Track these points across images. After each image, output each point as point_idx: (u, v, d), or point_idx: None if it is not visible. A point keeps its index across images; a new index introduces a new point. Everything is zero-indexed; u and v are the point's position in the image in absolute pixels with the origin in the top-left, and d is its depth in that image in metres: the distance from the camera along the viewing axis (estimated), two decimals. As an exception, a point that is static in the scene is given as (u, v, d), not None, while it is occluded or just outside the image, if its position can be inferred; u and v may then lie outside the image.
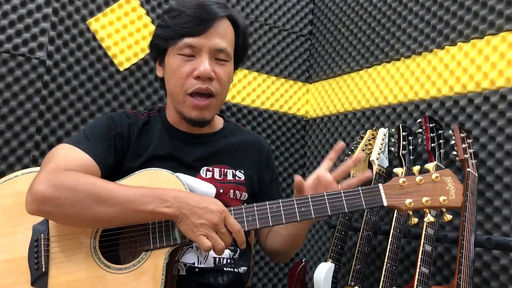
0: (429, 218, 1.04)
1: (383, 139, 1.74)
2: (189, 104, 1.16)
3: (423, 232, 1.38)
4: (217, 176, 1.23)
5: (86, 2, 1.81)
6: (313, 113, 2.28)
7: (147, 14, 1.92)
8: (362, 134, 1.86)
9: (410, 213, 1.04)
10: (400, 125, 1.63)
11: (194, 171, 1.20)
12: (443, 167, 1.48)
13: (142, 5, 1.92)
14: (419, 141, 1.60)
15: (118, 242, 1.09)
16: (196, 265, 1.15)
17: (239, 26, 1.23)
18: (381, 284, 1.43)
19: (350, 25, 2.12)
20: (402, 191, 1.02)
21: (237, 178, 1.25)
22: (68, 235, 1.03)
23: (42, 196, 0.96)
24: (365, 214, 1.67)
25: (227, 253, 1.19)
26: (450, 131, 1.48)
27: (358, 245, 1.64)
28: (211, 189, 1.18)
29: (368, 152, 1.79)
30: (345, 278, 1.84)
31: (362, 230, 1.66)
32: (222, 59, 1.18)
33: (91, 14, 1.82)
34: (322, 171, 1.12)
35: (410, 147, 1.59)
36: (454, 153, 1.43)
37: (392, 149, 1.73)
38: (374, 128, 1.85)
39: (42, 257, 1.01)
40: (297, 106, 2.29)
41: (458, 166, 1.51)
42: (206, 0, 1.18)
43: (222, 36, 1.17)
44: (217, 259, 1.17)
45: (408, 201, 1.01)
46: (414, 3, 1.79)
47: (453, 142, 1.45)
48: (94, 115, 1.80)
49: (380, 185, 1.03)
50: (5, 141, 1.67)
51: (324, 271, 1.58)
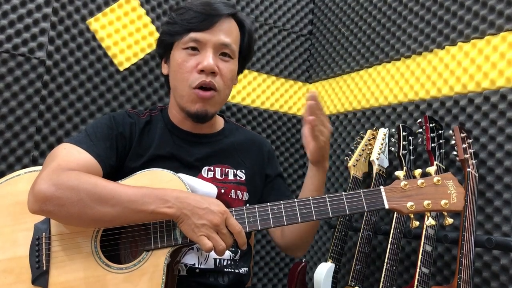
0: (430, 221, 1.04)
1: (383, 139, 1.73)
2: (192, 97, 1.17)
3: (423, 232, 1.38)
4: (218, 175, 1.23)
5: (86, 2, 1.81)
6: (313, 113, 2.28)
7: (147, 14, 1.92)
8: (362, 134, 1.86)
9: (411, 216, 1.04)
10: (400, 125, 1.63)
11: (195, 171, 1.20)
12: (443, 167, 1.48)
13: (142, 5, 1.92)
14: (419, 141, 1.60)
15: (119, 242, 1.09)
16: (196, 266, 1.14)
17: (245, 26, 1.25)
18: (381, 284, 1.43)
19: (350, 25, 2.12)
20: (404, 194, 1.02)
21: (238, 178, 1.25)
22: (69, 234, 1.03)
23: (44, 195, 0.97)
24: (365, 214, 1.67)
25: (228, 254, 1.19)
26: (450, 131, 1.48)
27: (358, 245, 1.64)
28: (213, 189, 1.18)
29: (368, 152, 1.79)
30: (345, 278, 1.84)
31: (362, 230, 1.66)
32: (226, 55, 1.19)
33: (91, 14, 1.82)
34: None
35: (410, 147, 1.59)
36: (454, 153, 1.43)
37: (392, 149, 1.73)
38: (374, 128, 1.85)
39: (43, 256, 1.01)
40: (297, 106, 2.29)
41: (458, 166, 1.51)
42: None
43: (227, 33, 1.18)
44: (217, 260, 1.17)
45: (409, 204, 1.01)
46: (414, 3, 1.79)
47: (453, 142, 1.45)
48: (94, 115, 1.80)
49: (381, 187, 1.04)
50: (5, 141, 1.67)
51: (324, 271, 1.58)
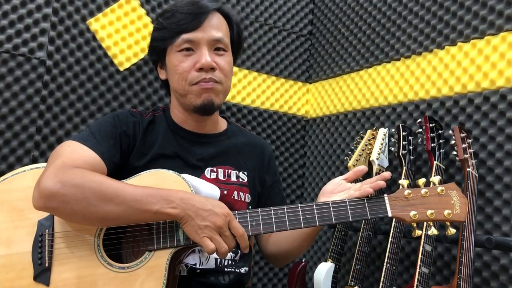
0: (432, 231, 1.04)
1: (383, 139, 1.74)
2: (195, 91, 1.18)
3: (423, 232, 1.38)
4: (221, 177, 1.23)
5: (86, 2, 1.81)
6: (313, 113, 2.29)
7: (147, 14, 1.92)
8: (362, 134, 1.86)
9: (414, 225, 1.04)
10: (400, 125, 1.63)
11: (198, 171, 1.21)
12: (443, 167, 1.48)
13: (142, 5, 1.92)
14: (419, 141, 1.60)
15: (122, 241, 1.09)
16: (197, 266, 1.15)
17: (232, 18, 1.26)
18: (381, 284, 1.43)
19: (350, 25, 2.12)
20: (407, 203, 1.03)
21: (240, 180, 1.26)
22: (72, 232, 1.04)
23: (49, 192, 0.97)
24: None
25: (229, 254, 1.19)
26: (450, 131, 1.48)
27: (358, 245, 1.64)
28: (216, 190, 1.18)
29: (368, 152, 1.79)
30: (345, 278, 1.84)
31: (362, 230, 1.66)
32: (221, 49, 1.21)
33: (91, 14, 1.82)
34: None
35: (410, 147, 1.59)
36: (454, 153, 1.43)
37: (392, 149, 1.73)
38: (374, 128, 1.85)
39: (46, 252, 1.01)
40: (297, 106, 2.29)
41: (458, 166, 1.51)
42: None
43: (217, 28, 1.20)
44: (218, 260, 1.18)
45: (412, 213, 1.02)
46: (414, 3, 1.79)
47: (453, 142, 1.45)
48: (94, 115, 1.80)
49: (385, 196, 1.04)
50: (5, 141, 1.67)
51: (324, 271, 1.58)
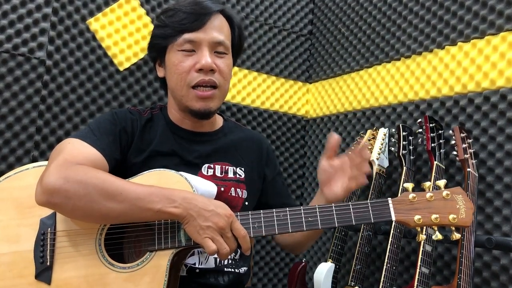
0: (437, 235, 1.02)
1: (383, 139, 1.73)
2: (193, 96, 1.18)
3: (424, 232, 1.38)
4: (218, 173, 1.23)
5: (86, 2, 1.81)
6: (313, 113, 2.28)
7: (147, 14, 1.92)
8: (362, 134, 1.86)
9: (418, 229, 1.03)
10: (400, 125, 1.63)
11: (195, 168, 1.21)
12: (443, 167, 1.48)
13: (142, 5, 1.92)
14: (419, 141, 1.60)
15: (123, 241, 1.09)
16: (197, 265, 1.15)
17: (233, 20, 1.26)
18: (381, 284, 1.43)
19: (350, 25, 2.12)
20: (412, 207, 1.01)
21: (237, 176, 1.26)
22: (74, 231, 1.04)
23: (52, 187, 0.97)
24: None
25: (228, 254, 1.19)
26: (450, 131, 1.48)
27: (358, 245, 1.64)
28: (213, 187, 1.18)
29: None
30: (345, 278, 1.84)
31: (362, 230, 1.65)
32: (221, 52, 1.21)
33: (91, 14, 1.82)
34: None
35: (410, 147, 1.59)
36: (454, 153, 1.43)
37: (392, 149, 1.73)
38: (374, 128, 1.85)
39: (48, 251, 1.01)
40: (297, 106, 2.29)
41: (458, 166, 1.51)
42: None
43: (219, 29, 1.20)
44: (217, 260, 1.18)
45: (417, 217, 1.00)
46: (414, 3, 1.79)
47: (453, 142, 1.45)
48: (94, 115, 1.80)
49: (389, 199, 1.03)
50: (5, 141, 1.67)
51: (324, 271, 1.58)
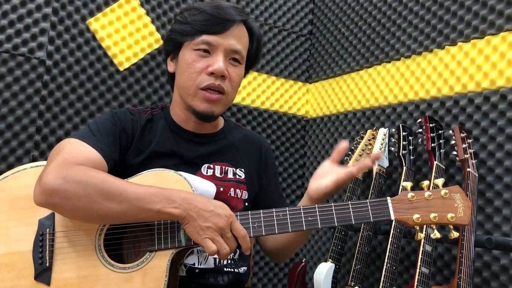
0: (435, 234, 1.03)
1: (383, 139, 1.73)
2: (200, 97, 1.18)
3: (423, 232, 1.38)
4: (218, 173, 1.23)
5: (86, 2, 1.81)
6: (313, 113, 2.28)
7: (147, 14, 1.92)
8: (362, 134, 1.86)
9: (417, 228, 1.03)
10: (400, 125, 1.63)
11: (195, 168, 1.21)
12: (443, 167, 1.48)
13: (142, 5, 1.92)
14: (419, 141, 1.60)
15: (123, 241, 1.09)
16: (196, 265, 1.15)
17: (254, 33, 1.26)
18: (381, 284, 1.43)
19: (350, 25, 2.12)
20: (410, 206, 1.02)
21: (237, 177, 1.26)
22: (73, 231, 1.03)
23: (51, 188, 0.97)
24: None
25: (227, 253, 1.19)
26: (450, 131, 1.48)
27: (358, 245, 1.64)
28: (212, 187, 1.18)
29: (368, 152, 1.78)
30: (345, 278, 1.84)
31: (362, 230, 1.65)
32: (236, 60, 1.21)
33: (91, 14, 1.82)
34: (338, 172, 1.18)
35: (410, 147, 1.59)
36: (454, 153, 1.43)
37: (392, 149, 1.73)
38: (374, 128, 1.85)
39: (47, 252, 1.01)
40: (297, 106, 2.29)
41: (458, 166, 1.51)
42: (226, 3, 1.22)
43: (238, 38, 1.20)
44: (217, 260, 1.18)
45: (415, 216, 1.01)
46: (414, 3, 1.79)
47: (453, 142, 1.45)
48: (94, 115, 1.80)
49: (388, 198, 1.03)
50: (5, 141, 1.67)
51: (324, 271, 1.58)
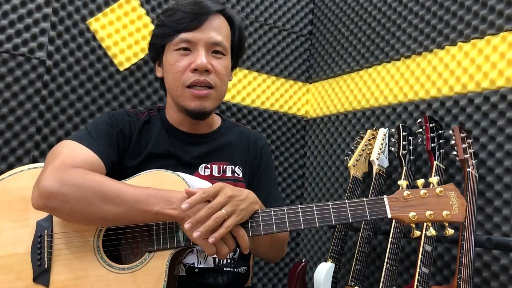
0: (431, 231, 1.05)
1: (383, 139, 1.73)
2: (188, 95, 1.17)
3: (423, 232, 1.38)
4: (215, 173, 1.23)
5: (86, 2, 1.81)
6: (313, 113, 2.28)
7: (147, 14, 1.92)
8: (362, 134, 1.86)
9: (413, 225, 1.04)
10: (400, 125, 1.63)
11: (192, 169, 1.21)
12: (443, 167, 1.48)
13: (142, 5, 1.92)
14: (419, 141, 1.60)
15: (121, 242, 1.09)
16: (195, 265, 1.15)
17: (234, 21, 1.25)
18: (381, 284, 1.43)
19: (350, 25, 2.12)
20: (406, 204, 1.03)
21: (236, 175, 1.26)
22: (72, 233, 1.03)
23: (49, 191, 0.97)
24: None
25: (227, 253, 1.19)
26: (450, 131, 1.48)
27: (358, 245, 1.64)
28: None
29: (368, 152, 1.79)
30: (345, 278, 1.84)
31: (362, 230, 1.65)
32: (219, 52, 1.20)
33: (91, 14, 1.82)
34: None
35: (410, 147, 1.59)
36: (454, 153, 1.43)
37: (392, 149, 1.73)
38: (374, 128, 1.85)
39: (45, 253, 1.01)
40: (297, 106, 2.29)
41: (458, 166, 1.51)
42: None
43: (217, 30, 1.19)
44: (216, 259, 1.18)
45: (411, 214, 1.02)
46: (414, 3, 1.79)
47: (453, 142, 1.45)
48: (94, 115, 1.80)
49: (385, 197, 1.04)
50: (5, 141, 1.67)
51: (324, 271, 1.58)
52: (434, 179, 1.08)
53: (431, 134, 1.49)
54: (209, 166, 1.23)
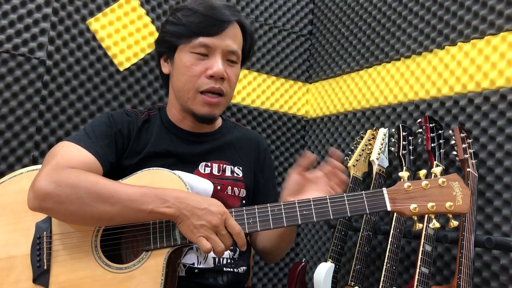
0: (434, 223, 1.01)
1: (383, 139, 1.73)
2: (200, 101, 1.18)
3: (423, 232, 1.38)
4: (215, 171, 1.23)
5: (86, 2, 1.81)
6: (313, 113, 2.28)
7: (147, 14, 1.92)
8: (362, 134, 1.86)
9: (415, 218, 1.02)
10: (400, 125, 1.63)
11: (192, 167, 1.21)
12: (443, 167, 1.48)
13: (142, 5, 1.92)
14: (419, 141, 1.60)
15: (120, 241, 1.09)
16: (195, 265, 1.15)
17: (247, 30, 1.26)
18: (381, 284, 1.43)
19: (350, 25, 2.12)
20: (407, 196, 1.00)
21: (235, 175, 1.26)
22: (70, 234, 1.03)
23: (44, 192, 0.97)
24: (365, 214, 1.67)
25: (227, 253, 1.19)
26: (450, 131, 1.48)
27: (358, 245, 1.64)
28: (209, 185, 1.18)
29: (368, 152, 1.79)
30: (345, 278, 1.84)
31: (362, 230, 1.65)
32: (233, 61, 1.21)
33: (91, 14, 1.82)
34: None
35: (410, 147, 1.59)
36: (454, 153, 1.43)
37: (392, 149, 1.73)
38: (374, 128, 1.85)
39: (44, 254, 1.01)
40: (297, 106, 2.29)
41: (458, 166, 1.51)
42: (218, 2, 1.21)
43: (233, 38, 1.20)
44: (216, 259, 1.18)
45: (412, 206, 0.99)
46: (414, 3, 1.79)
47: (453, 142, 1.45)
48: (94, 115, 1.80)
49: (384, 189, 1.01)
50: (5, 141, 1.67)
51: (324, 271, 1.58)
52: (437, 170, 1.03)
53: (431, 134, 1.49)
54: (209, 164, 1.23)
